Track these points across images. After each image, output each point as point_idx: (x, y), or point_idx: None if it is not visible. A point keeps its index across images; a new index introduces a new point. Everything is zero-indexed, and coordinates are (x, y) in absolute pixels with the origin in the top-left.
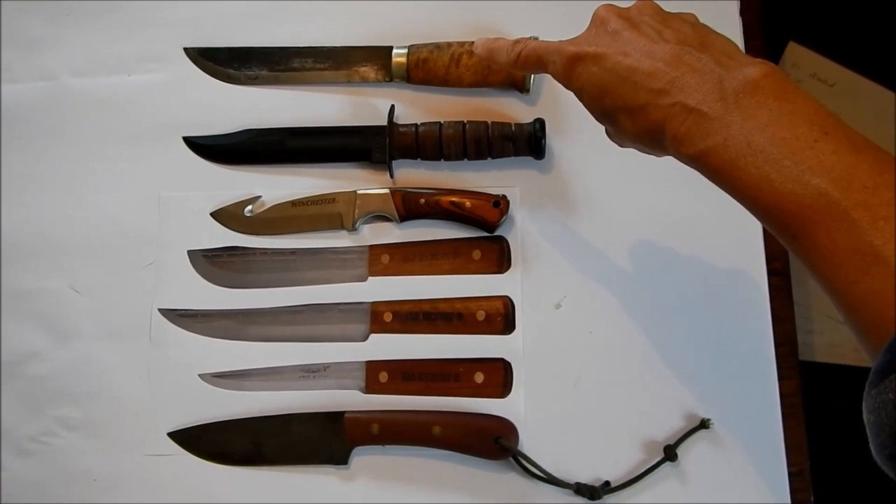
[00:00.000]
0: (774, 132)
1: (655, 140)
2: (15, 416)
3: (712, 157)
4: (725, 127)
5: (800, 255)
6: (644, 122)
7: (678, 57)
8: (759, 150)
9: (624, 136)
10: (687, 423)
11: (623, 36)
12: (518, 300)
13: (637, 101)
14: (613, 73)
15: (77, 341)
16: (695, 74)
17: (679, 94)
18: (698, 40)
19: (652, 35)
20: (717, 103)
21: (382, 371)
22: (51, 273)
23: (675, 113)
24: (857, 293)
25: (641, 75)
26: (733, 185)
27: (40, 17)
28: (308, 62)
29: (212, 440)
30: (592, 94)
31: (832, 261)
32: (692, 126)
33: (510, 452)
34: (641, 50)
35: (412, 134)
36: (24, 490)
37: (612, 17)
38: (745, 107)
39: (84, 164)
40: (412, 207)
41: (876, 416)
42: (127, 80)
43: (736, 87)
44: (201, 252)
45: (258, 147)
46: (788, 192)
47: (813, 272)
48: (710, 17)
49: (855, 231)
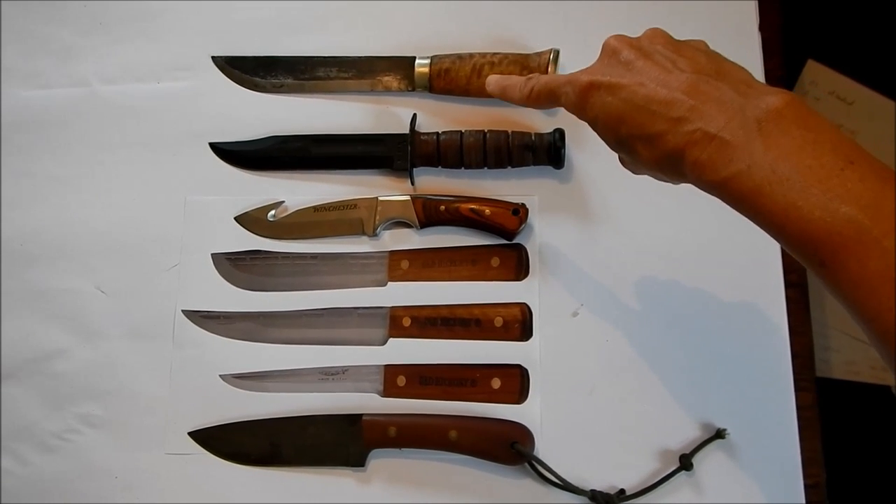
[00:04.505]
0: (799, 160)
1: (674, 167)
2: (39, 412)
3: (736, 184)
4: (749, 154)
5: (829, 283)
6: (663, 150)
7: (695, 86)
8: (784, 178)
9: (640, 164)
10: (703, 432)
11: (636, 66)
12: (535, 307)
13: (655, 129)
14: (629, 102)
15: (101, 340)
16: (714, 103)
17: (699, 122)
18: (714, 69)
19: (666, 64)
20: (739, 130)
21: (400, 375)
22: (78, 274)
23: (696, 140)
24: (891, 321)
25: (659, 104)
26: (758, 212)
27: (73, 26)
28: (332, 71)
29: (231, 440)
30: (608, 123)
31: (865, 288)
32: (714, 153)
33: (526, 458)
34: (657, 80)
35: (433, 142)
36: (45, 485)
37: (624, 47)
38: (768, 135)
39: (113, 168)
40: (432, 214)
41: None
42: (156, 88)
43: (758, 115)
44: (225, 255)
45: (282, 154)
46: (817, 219)
47: (843, 300)
48: (729, 35)
49: (887, 258)
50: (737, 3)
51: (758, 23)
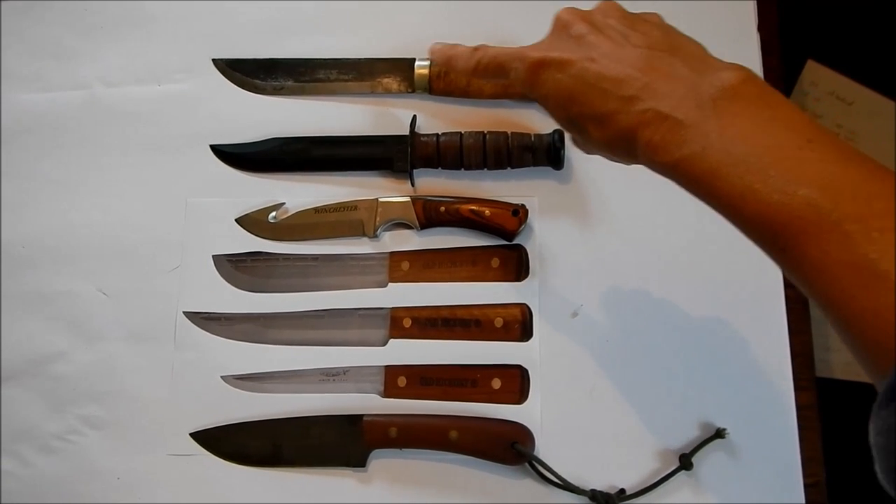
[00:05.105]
0: (756, 140)
1: (626, 148)
2: (40, 413)
3: (690, 166)
4: (703, 135)
5: (789, 269)
6: (614, 130)
7: (648, 62)
8: (740, 160)
9: (591, 144)
10: (702, 432)
11: (588, 40)
12: (535, 308)
13: (606, 108)
14: (580, 79)
15: (103, 342)
16: (667, 80)
17: (651, 101)
18: (667, 44)
19: (618, 39)
20: (694, 110)
21: (401, 376)
22: (79, 276)
23: (647, 120)
24: (855, 309)
25: (610, 82)
26: (714, 195)
27: (74, 28)
28: (333, 73)
29: (233, 441)
30: (558, 101)
31: (826, 275)
32: (667, 133)
33: (526, 458)
34: (608, 55)
35: (433, 144)
36: (47, 486)
37: (576, 20)
38: (723, 114)
39: (114, 171)
40: (432, 215)
41: (885, 439)
42: (157, 90)
43: (713, 93)
44: (226, 257)
45: (283, 155)
46: (775, 202)
47: (804, 287)
48: (728, 35)
49: (848, 243)
50: (735, 4)
51: (757, 23)
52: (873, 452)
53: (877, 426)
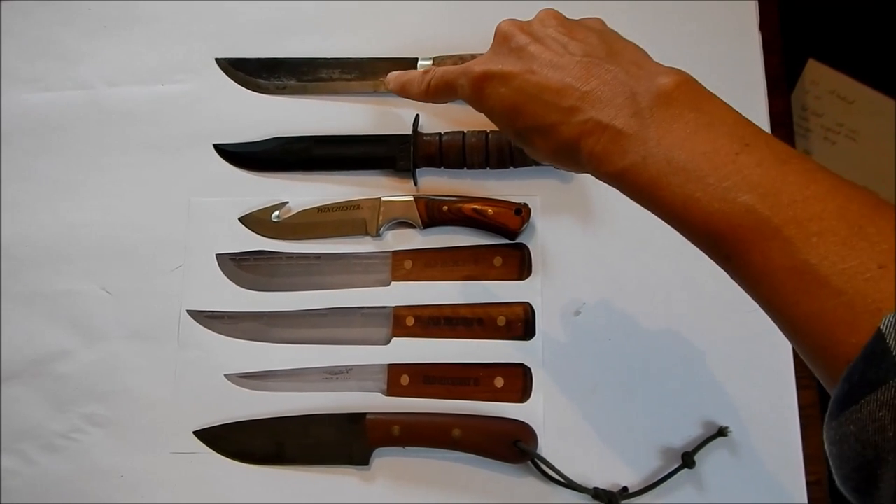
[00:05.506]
0: (694, 147)
1: (572, 159)
2: (44, 412)
3: (632, 176)
4: (643, 144)
5: (736, 278)
6: (558, 142)
7: (587, 70)
8: (680, 168)
9: (539, 156)
10: (705, 430)
11: (528, 52)
12: (538, 307)
13: (549, 120)
14: (522, 92)
15: (106, 341)
16: (606, 88)
17: (592, 110)
18: (605, 50)
19: (557, 49)
20: (632, 118)
21: (404, 374)
22: (83, 275)
23: (588, 130)
24: (799, 315)
25: (551, 93)
26: (657, 205)
27: (77, 29)
28: (335, 73)
29: (236, 439)
30: (503, 114)
31: (769, 282)
32: (608, 144)
33: (529, 456)
34: (548, 65)
35: (436, 143)
36: (51, 485)
37: (516, 31)
38: (660, 121)
39: (117, 170)
40: (435, 214)
41: (838, 449)
42: (160, 90)
43: (649, 99)
44: (229, 256)
45: (286, 155)
46: (716, 210)
47: (752, 294)
48: (730, 35)
49: (789, 249)
50: (737, 3)
51: (758, 22)
52: (830, 462)
53: (829, 437)
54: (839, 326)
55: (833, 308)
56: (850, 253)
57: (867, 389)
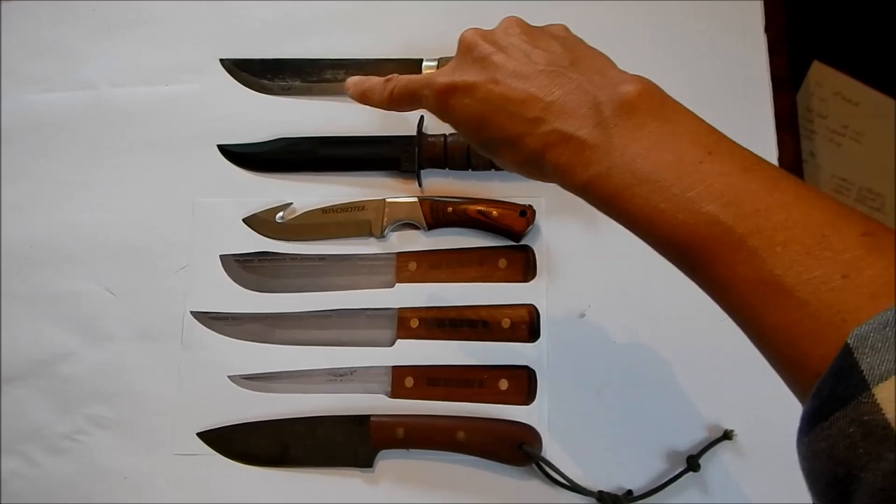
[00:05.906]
0: (657, 156)
1: (538, 170)
2: (48, 414)
3: (597, 188)
4: (606, 154)
5: (704, 288)
6: (524, 153)
7: (550, 80)
8: (644, 178)
9: (508, 167)
10: (710, 433)
11: (491, 61)
12: (543, 309)
13: (514, 132)
14: (487, 102)
15: (110, 342)
16: (569, 98)
17: (555, 121)
18: (569, 58)
19: (520, 58)
20: (596, 128)
21: (408, 376)
22: (87, 276)
23: (553, 141)
24: (766, 327)
25: (515, 104)
26: (623, 216)
27: (81, 29)
28: (340, 74)
29: (240, 441)
30: (468, 126)
31: (736, 293)
32: (573, 155)
33: (533, 459)
34: (511, 75)
35: (441, 144)
36: (55, 486)
37: (478, 41)
38: (623, 130)
39: (121, 171)
40: (440, 216)
41: (811, 464)
42: (164, 91)
43: (612, 108)
44: (233, 257)
45: (290, 156)
46: (680, 222)
47: (720, 305)
48: (735, 35)
49: (754, 260)
50: (742, 4)
51: (763, 23)
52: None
53: (802, 452)
54: (805, 338)
55: (799, 320)
56: (814, 263)
57: (837, 405)
